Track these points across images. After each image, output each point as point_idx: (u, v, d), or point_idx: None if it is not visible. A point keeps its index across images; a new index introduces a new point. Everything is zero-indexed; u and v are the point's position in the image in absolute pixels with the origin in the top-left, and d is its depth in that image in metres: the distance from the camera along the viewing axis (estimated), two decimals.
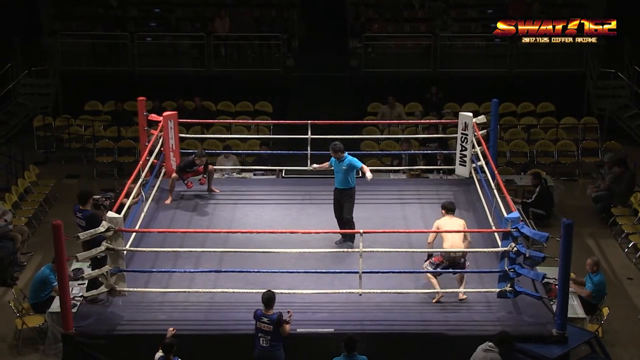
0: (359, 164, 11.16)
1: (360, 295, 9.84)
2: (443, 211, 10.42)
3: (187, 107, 17.91)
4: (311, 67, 20.00)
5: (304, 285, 10.04)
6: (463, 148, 12.98)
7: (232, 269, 10.26)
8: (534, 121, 18.38)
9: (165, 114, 13.00)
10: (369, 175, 11.00)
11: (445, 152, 15.11)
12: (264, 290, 9.37)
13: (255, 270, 10.07)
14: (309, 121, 13.14)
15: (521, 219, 10.08)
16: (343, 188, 11.28)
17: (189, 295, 10.11)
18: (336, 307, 9.93)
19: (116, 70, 19.41)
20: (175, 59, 20.17)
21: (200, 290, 10.09)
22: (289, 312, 9.33)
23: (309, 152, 13.17)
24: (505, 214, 10.11)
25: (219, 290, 10.04)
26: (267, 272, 10.05)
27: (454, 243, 10.06)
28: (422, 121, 17.12)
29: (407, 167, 14.96)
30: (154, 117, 13.12)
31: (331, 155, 11.37)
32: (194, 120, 16.14)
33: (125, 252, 9.89)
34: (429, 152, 15.42)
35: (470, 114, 12.91)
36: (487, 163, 12.32)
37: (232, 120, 17.86)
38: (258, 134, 17.67)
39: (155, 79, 18.76)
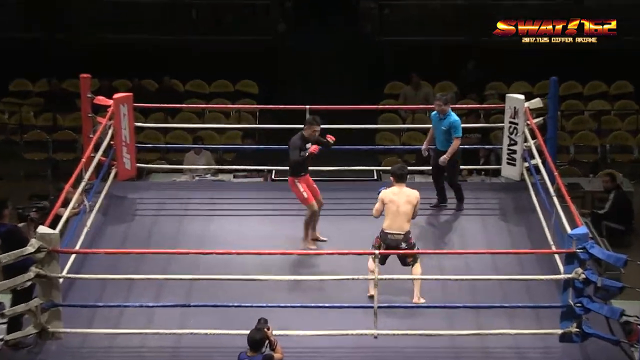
0: (458, 133, 12.05)
1: (376, 337, 9.79)
2: (392, 178, 10.79)
3: (145, 87, 17.86)
4: (310, 35, 20.00)
5: (300, 325, 9.96)
6: (512, 142, 12.98)
7: (205, 303, 10.20)
8: (607, 106, 18.46)
9: (116, 96, 13.01)
10: (443, 158, 12.06)
11: (488, 147, 15.07)
12: (246, 332, 9.27)
13: (236, 305, 10.01)
14: (307, 106, 13.08)
15: (591, 236, 10.04)
16: (443, 150, 12.19)
17: (146, 339, 10.03)
18: (343, 354, 9.89)
19: (52, 37, 19.35)
20: (132, 25, 20.06)
21: (162, 331, 10.00)
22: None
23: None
24: (568, 230, 10.05)
25: (187, 331, 9.98)
26: (251, 306, 9.97)
27: (392, 223, 10.42)
28: (457, 106, 17.00)
29: None
30: (101, 100, 13.12)
31: (434, 109, 12.28)
32: (155, 105, 16.09)
33: (61, 280, 9.84)
34: (467, 147, 15.33)
35: (522, 97, 12.92)
36: (543, 161, 12.28)
37: (205, 105, 17.88)
38: (240, 123, 17.66)
39: (103, 49, 18.75)
